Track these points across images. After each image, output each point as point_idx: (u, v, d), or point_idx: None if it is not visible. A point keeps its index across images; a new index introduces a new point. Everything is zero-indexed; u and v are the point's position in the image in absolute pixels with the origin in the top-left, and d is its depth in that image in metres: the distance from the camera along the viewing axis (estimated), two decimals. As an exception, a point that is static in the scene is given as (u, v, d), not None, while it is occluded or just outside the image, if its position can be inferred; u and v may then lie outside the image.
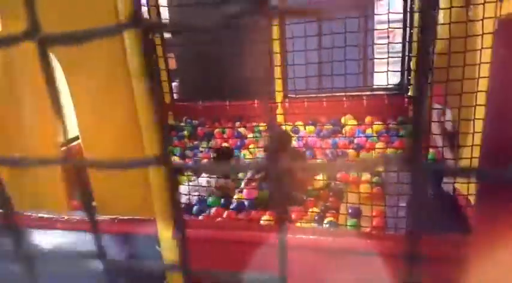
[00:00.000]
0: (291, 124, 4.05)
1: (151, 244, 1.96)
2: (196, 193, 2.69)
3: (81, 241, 2.14)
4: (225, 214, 2.51)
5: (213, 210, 2.58)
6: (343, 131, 3.71)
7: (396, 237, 1.68)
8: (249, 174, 2.81)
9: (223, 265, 1.94)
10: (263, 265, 1.82)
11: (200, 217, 2.52)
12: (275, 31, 3.74)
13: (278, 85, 4.03)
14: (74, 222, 2.10)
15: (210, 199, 2.72)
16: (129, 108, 1.72)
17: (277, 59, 3.72)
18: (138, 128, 1.74)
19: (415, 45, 3.80)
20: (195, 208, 2.65)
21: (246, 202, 2.68)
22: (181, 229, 0.44)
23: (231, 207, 2.64)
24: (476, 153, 1.51)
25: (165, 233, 1.89)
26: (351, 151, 3.36)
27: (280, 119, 4.12)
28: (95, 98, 1.77)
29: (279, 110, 4.09)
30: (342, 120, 3.95)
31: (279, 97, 4.18)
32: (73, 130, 1.91)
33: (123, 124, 1.79)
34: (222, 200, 2.70)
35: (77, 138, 2.04)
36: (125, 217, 2.01)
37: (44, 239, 2.19)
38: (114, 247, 2.12)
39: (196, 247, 1.93)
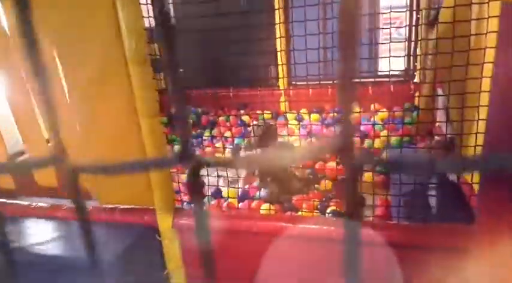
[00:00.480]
0: (295, 112, 4.00)
1: (151, 234, 1.95)
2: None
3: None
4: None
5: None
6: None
7: (400, 226, 1.66)
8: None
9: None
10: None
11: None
12: (278, 15, 3.69)
13: (282, 71, 3.97)
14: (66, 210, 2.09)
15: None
16: (125, 94, 1.70)
17: (281, 44, 3.66)
18: (136, 118, 1.71)
19: (421, 30, 3.73)
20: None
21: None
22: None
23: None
24: (480, 141, 1.47)
25: (165, 223, 1.88)
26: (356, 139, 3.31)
27: (284, 106, 4.08)
28: (91, 89, 1.74)
29: (283, 98, 4.04)
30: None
31: (282, 84, 4.13)
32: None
33: (120, 110, 1.76)
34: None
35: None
36: (125, 207, 2.00)
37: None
38: (113, 237, 2.11)
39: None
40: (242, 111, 4.25)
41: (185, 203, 2.17)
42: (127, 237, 2.08)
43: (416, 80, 3.98)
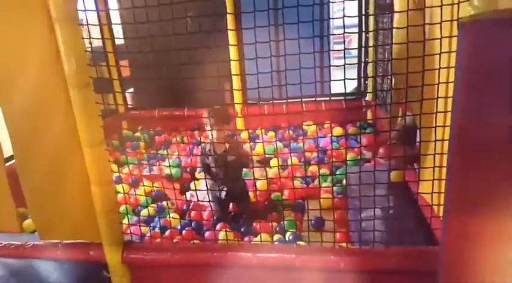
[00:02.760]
0: (252, 130, 3.96)
1: (99, 270, 1.79)
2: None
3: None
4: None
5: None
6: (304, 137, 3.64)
7: (362, 251, 1.61)
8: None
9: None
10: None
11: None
12: (231, 37, 3.66)
13: (237, 96, 3.94)
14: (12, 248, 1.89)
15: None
16: (66, 122, 1.56)
17: (235, 67, 3.63)
18: (77, 140, 1.58)
19: (371, 50, 3.84)
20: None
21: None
22: None
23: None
24: (438, 161, 1.47)
25: (113, 258, 1.73)
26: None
27: (240, 125, 4.03)
28: (30, 114, 1.59)
29: (240, 123, 4.00)
30: (304, 126, 3.91)
31: (238, 107, 4.09)
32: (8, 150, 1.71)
33: (61, 139, 1.61)
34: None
35: (11, 158, 1.84)
36: (69, 241, 1.82)
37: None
38: (59, 273, 1.92)
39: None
40: (196, 132, 4.14)
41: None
42: (72, 274, 1.91)
43: (367, 98, 4.08)
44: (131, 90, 4.86)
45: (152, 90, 4.05)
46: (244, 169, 2.74)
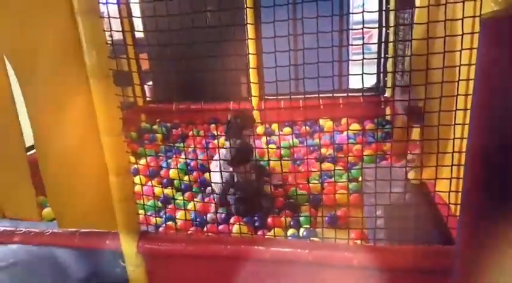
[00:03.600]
0: (267, 125, 3.96)
1: (115, 259, 1.82)
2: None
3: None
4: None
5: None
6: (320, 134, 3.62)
7: (376, 248, 1.60)
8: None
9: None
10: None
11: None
12: (250, 31, 3.65)
13: (254, 89, 3.93)
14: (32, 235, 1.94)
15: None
16: (86, 112, 1.59)
17: (252, 61, 3.62)
18: (96, 132, 1.61)
19: (390, 45, 3.78)
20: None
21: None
22: None
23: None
24: (456, 159, 1.44)
25: (129, 247, 1.76)
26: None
27: (257, 119, 4.03)
28: (51, 104, 1.62)
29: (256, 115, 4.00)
30: (320, 122, 3.89)
31: (255, 100, 4.08)
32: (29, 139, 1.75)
33: (81, 129, 1.64)
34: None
35: (32, 147, 1.88)
36: (86, 230, 1.86)
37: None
38: (75, 262, 1.97)
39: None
40: (213, 126, 4.17)
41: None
42: (89, 262, 1.95)
43: (386, 94, 4.02)
44: (150, 83, 4.91)
45: (170, 84, 4.11)
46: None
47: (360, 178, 2.68)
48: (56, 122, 1.64)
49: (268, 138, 3.60)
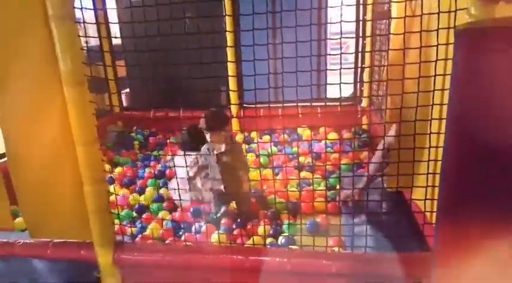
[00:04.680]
0: (247, 133, 3.96)
1: (90, 270, 1.77)
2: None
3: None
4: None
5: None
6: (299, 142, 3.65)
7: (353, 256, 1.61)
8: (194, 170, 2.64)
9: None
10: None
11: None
12: (229, 39, 3.66)
13: (233, 97, 3.94)
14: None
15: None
16: (60, 119, 1.55)
17: (231, 69, 3.62)
18: (71, 139, 1.57)
19: (367, 56, 3.85)
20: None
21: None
22: None
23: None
24: (432, 168, 1.47)
25: (105, 258, 1.71)
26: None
27: (236, 127, 4.02)
28: (24, 112, 1.57)
29: (235, 125, 4.00)
30: (298, 131, 3.91)
31: (234, 108, 4.08)
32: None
33: (54, 137, 1.60)
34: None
35: (3, 155, 1.82)
36: (60, 241, 1.80)
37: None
38: (49, 273, 1.90)
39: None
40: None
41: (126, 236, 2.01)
42: (63, 274, 1.89)
43: (363, 104, 4.09)
44: (127, 90, 4.85)
45: (148, 91, 4.06)
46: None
47: (338, 187, 2.70)
48: (29, 130, 1.59)
49: (247, 146, 3.59)
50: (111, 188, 2.31)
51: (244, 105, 4.19)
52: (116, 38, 4.44)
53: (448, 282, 1.13)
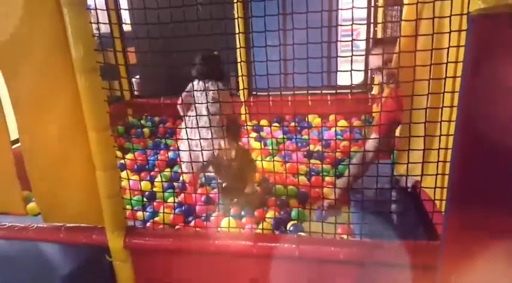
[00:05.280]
0: (256, 122, 3.96)
1: (101, 254, 1.81)
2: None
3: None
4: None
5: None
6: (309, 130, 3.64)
7: (362, 243, 1.62)
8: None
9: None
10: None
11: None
12: (240, 25, 3.64)
13: (242, 82, 3.92)
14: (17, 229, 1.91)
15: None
16: (72, 106, 1.56)
17: (242, 55, 3.61)
18: (83, 126, 1.58)
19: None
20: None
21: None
22: None
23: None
24: (442, 156, 1.46)
25: (116, 243, 1.75)
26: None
27: (244, 116, 4.02)
28: (36, 97, 1.59)
29: (243, 109, 3.99)
30: (308, 118, 3.90)
31: (243, 95, 4.08)
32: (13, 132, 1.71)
33: (67, 122, 1.62)
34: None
35: (16, 141, 1.85)
36: (72, 225, 1.84)
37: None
38: (60, 257, 1.94)
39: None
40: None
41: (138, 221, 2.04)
42: (75, 257, 1.93)
43: (373, 91, 4.06)
44: (137, 77, 4.86)
45: (158, 78, 4.07)
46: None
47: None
48: (42, 116, 1.61)
49: (255, 134, 3.60)
50: (123, 174, 2.35)
51: (254, 92, 4.18)
52: (126, 24, 4.45)
53: (456, 270, 1.14)
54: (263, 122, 3.99)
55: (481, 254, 1.06)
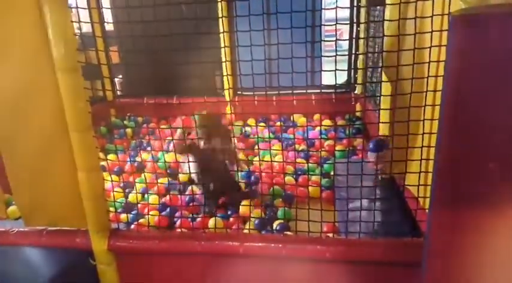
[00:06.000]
0: (242, 122, 3.95)
1: (85, 257, 1.78)
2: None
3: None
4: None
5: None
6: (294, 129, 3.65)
7: (347, 241, 1.63)
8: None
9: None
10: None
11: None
12: (224, 24, 3.62)
13: (227, 81, 3.90)
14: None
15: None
16: (53, 106, 1.53)
17: (226, 54, 3.59)
18: (65, 127, 1.56)
19: (361, 43, 3.84)
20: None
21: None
22: None
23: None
24: (425, 154, 1.48)
25: (99, 245, 1.72)
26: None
27: (230, 116, 4.01)
28: (16, 97, 1.56)
29: (229, 109, 3.98)
30: (293, 118, 3.92)
31: (228, 95, 4.06)
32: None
33: (48, 123, 1.58)
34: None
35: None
36: (54, 228, 1.81)
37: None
38: (43, 261, 1.91)
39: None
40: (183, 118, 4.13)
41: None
42: (58, 262, 1.89)
43: (356, 91, 4.09)
44: (120, 77, 4.80)
45: (142, 77, 4.02)
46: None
47: (332, 173, 2.72)
48: (22, 117, 1.57)
49: (243, 129, 3.59)
50: (105, 175, 2.31)
51: (239, 92, 4.18)
52: (108, 22, 4.39)
53: (440, 267, 1.15)
54: (250, 122, 3.99)
55: (465, 250, 1.07)
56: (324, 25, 3.79)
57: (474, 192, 1.00)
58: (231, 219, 2.39)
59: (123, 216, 2.29)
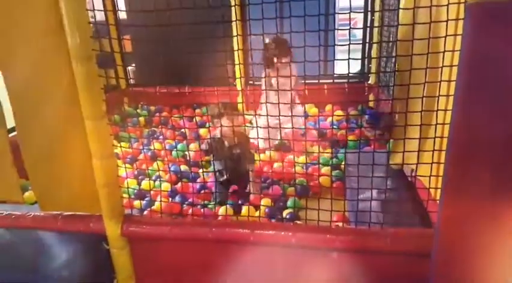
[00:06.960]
0: (253, 112, 3.95)
1: (99, 242, 1.82)
2: None
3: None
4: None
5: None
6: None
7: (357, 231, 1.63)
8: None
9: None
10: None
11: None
12: (235, 13, 3.61)
13: (238, 71, 3.90)
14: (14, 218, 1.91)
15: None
16: (68, 94, 1.56)
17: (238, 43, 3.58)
18: (80, 114, 1.58)
19: (375, 32, 3.79)
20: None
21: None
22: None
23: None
24: (438, 145, 1.47)
25: (113, 230, 1.75)
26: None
27: (241, 106, 4.01)
28: (32, 86, 1.58)
29: (240, 98, 3.97)
30: (305, 108, 3.90)
31: (239, 84, 4.06)
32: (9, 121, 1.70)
33: (64, 111, 1.61)
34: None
35: (13, 129, 1.84)
36: (69, 213, 1.85)
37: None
38: (57, 245, 1.95)
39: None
40: (198, 110, 4.15)
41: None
42: (72, 245, 1.94)
43: (370, 81, 4.05)
44: (133, 65, 4.83)
45: (154, 66, 4.03)
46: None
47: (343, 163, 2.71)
48: (38, 105, 1.60)
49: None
50: (118, 163, 2.35)
51: (250, 82, 4.17)
52: (121, 11, 4.40)
53: (450, 258, 1.16)
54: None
55: (475, 242, 1.07)
56: (338, 13, 3.74)
57: (486, 183, 0.99)
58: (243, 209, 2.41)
59: (136, 202, 2.33)
